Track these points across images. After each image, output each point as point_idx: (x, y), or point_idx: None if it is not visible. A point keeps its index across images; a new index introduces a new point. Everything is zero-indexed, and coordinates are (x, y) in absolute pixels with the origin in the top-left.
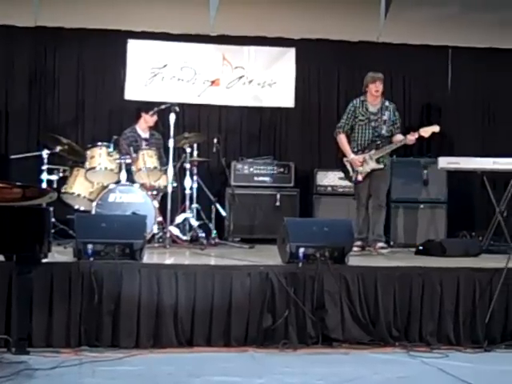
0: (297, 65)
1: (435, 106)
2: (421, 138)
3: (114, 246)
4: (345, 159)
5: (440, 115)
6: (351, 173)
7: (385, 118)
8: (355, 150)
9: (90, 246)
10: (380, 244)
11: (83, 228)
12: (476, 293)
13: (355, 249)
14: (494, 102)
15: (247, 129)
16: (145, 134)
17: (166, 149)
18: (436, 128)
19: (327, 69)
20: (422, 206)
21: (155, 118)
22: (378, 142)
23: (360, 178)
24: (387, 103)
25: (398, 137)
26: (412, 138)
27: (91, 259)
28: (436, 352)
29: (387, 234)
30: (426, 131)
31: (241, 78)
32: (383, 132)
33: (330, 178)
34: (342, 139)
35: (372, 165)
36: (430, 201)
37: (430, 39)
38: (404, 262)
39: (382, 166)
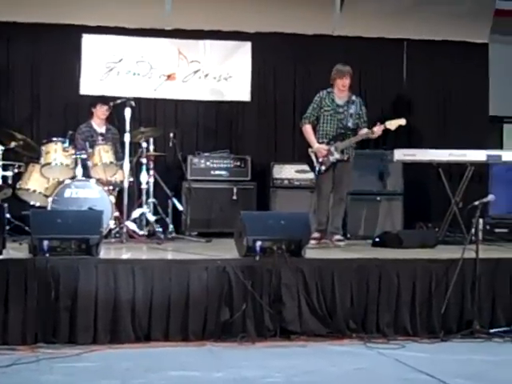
0: (253, 58)
1: (391, 98)
2: (387, 130)
3: (70, 242)
4: (310, 150)
5: (396, 108)
6: (315, 163)
7: (351, 111)
8: (320, 140)
9: (45, 242)
10: (337, 236)
11: (39, 224)
12: (432, 284)
13: (312, 241)
14: (449, 94)
15: (203, 123)
16: (101, 129)
17: (122, 143)
18: (402, 121)
19: (283, 62)
20: (378, 198)
21: (105, 108)
22: (344, 134)
23: (324, 168)
24: (354, 97)
25: (364, 130)
26: (377, 130)
27: (47, 255)
28: (393, 343)
29: (344, 226)
30: (392, 124)
31: (197, 72)
32: (349, 124)
33: (286, 171)
34: (308, 129)
35: (336, 155)
36: (387, 193)
37: (385, 32)
38: (361, 254)
39: (346, 157)
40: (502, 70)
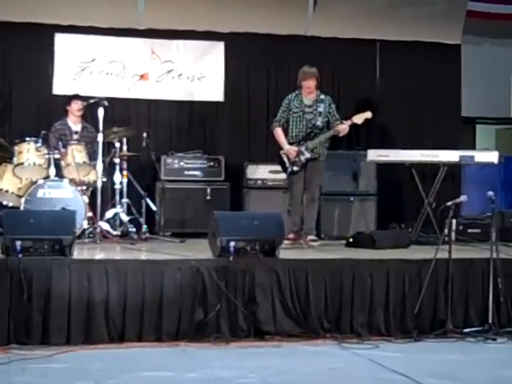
0: (226, 58)
1: (364, 99)
2: (354, 125)
3: (43, 242)
4: (281, 152)
5: (369, 108)
6: (287, 164)
7: (320, 109)
8: (290, 141)
9: (18, 243)
10: (310, 237)
11: (11, 224)
12: (405, 284)
13: (286, 242)
14: (422, 95)
15: (177, 123)
16: (76, 127)
17: (96, 143)
18: (368, 114)
19: (256, 62)
20: (351, 198)
21: (79, 103)
22: (314, 134)
23: (296, 168)
24: (322, 96)
25: (335, 127)
26: (344, 126)
27: (20, 256)
28: (367, 343)
29: (318, 226)
30: (359, 118)
31: (170, 71)
32: (318, 123)
33: (260, 172)
34: (278, 132)
35: (307, 155)
36: (360, 193)
37: (358, 33)
38: (334, 255)
39: (316, 155)
40: (474, 71)
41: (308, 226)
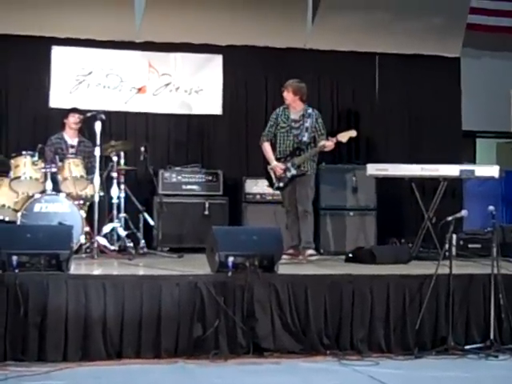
0: (224, 71)
1: (363, 112)
2: (340, 143)
3: (40, 257)
4: (268, 167)
5: (368, 121)
6: (274, 180)
7: (307, 125)
8: (279, 156)
9: (14, 258)
10: (309, 251)
11: (8, 239)
12: (406, 300)
13: (285, 257)
14: (421, 108)
15: (175, 136)
16: (72, 141)
17: (93, 157)
18: (353, 133)
19: (255, 76)
20: (351, 213)
21: (77, 116)
22: (300, 149)
23: (282, 184)
24: (310, 110)
25: (320, 143)
26: (329, 143)
27: (16, 271)
28: (367, 360)
29: (317, 241)
30: (343, 136)
31: (167, 85)
32: (305, 139)
33: (258, 186)
34: (266, 147)
35: (293, 171)
36: (360, 208)
37: (357, 45)
38: (334, 270)
39: (303, 171)
40: (474, 84)
41: (305, 240)
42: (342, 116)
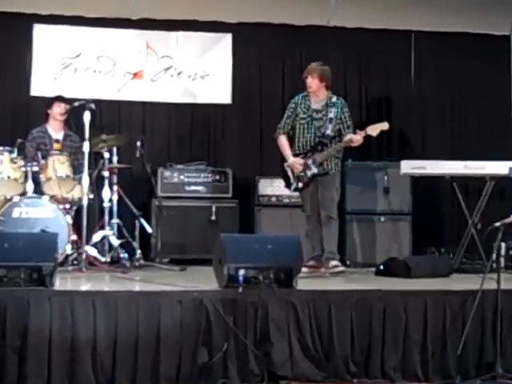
0: (234, 53)
1: (396, 100)
2: (368, 137)
3: (20, 271)
4: (285, 164)
5: (402, 112)
6: (292, 179)
7: (331, 115)
8: (297, 152)
9: None
10: (333, 262)
11: None
12: (446, 319)
13: (305, 270)
14: (464, 95)
15: (176, 129)
16: (57, 135)
17: (81, 154)
18: (385, 125)
19: (270, 58)
20: (382, 218)
21: (62, 106)
22: (323, 144)
23: (301, 184)
24: (334, 99)
25: (347, 136)
26: (358, 137)
27: None
28: None
29: (342, 251)
30: (374, 129)
31: (168, 69)
32: (328, 132)
33: (274, 187)
34: (282, 141)
35: (314, 170)
36: (392, 212)
37: (389, 22)
38: (362, 285)
39: (326, 170)
40: None
41: (328, 250)
42: (371, 105)
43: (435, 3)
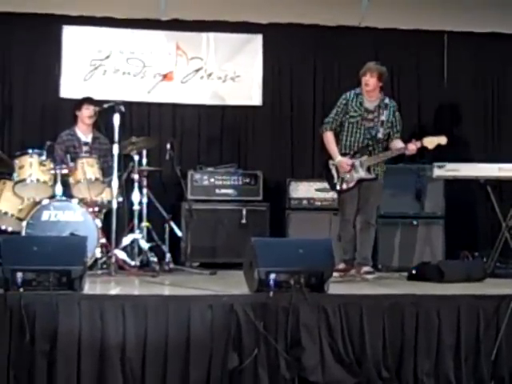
0: (264, 55)
1: (429, 101)
2: (423, 148)
3: (49, 274)
4: (330, 162)
5: (435, 113)
6: (335, 179)
7: (383, 118)
8: (343, 152)
9: (19, 275)
10: (366, 268)
11: (11, 253)
12: (480, 325)
13: (336, 274)
14: (499, 97)
15: (206, 131)
16: (86, 138)
17: (110, 156)
18: (443, 140)
19: (301, 59)
20: (414, 222)
21: (91, 109)
22: (372, 147)
23: (345, 186)
24: (387, 100)
25: (397, 143)
26: (413, 147)
27: (21, 290)
28: None
29: (375, 255)
30: (431, 142)
31: (198, 70)
32: (379, 135)
33: (305, 190)
34: (329, 137)
35: (361, 173)
36: (425, 216)
37: (421, 23)
38: (395, 289)
39: (373, 175)
40: None
41: (362, 255)
42: (403, 106)
43: (468, 3)
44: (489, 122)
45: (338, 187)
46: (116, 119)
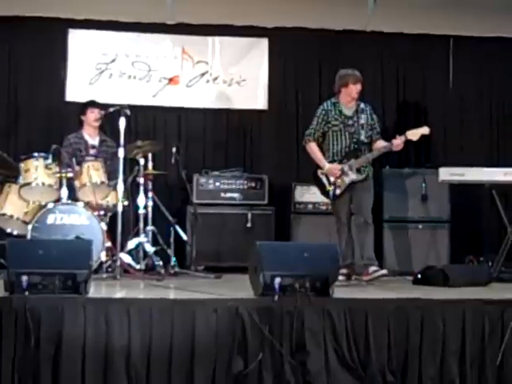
0: (270, 58)
1: (434, 105)
2: (409, 142)
3: (54, 278)
4: (319, 171)
5: (440, 117)
6: (328, 186)
7: (362, 121)
8: (330, 160)
9: (24, 278)
10: (373, 268)
11: (16, 256)
12: (485, 329)
13: (340, 278)
14: (504, 101)
15: (212, 135)
16: (93, 140)
17: (116, 159)
18: (425, 130)
19: (306, 63)
20: (420, 226)
21: (97, 111)
22: (358, 150)
23: (339, 191)
24: (362, 105)
25: (380, 143)
26: (398, 142)
27: (26, 293)
28: None
29: (380, 259)
30: (415, 134)
31: (204, 74)
32: (362, 138)
33: (310, 194)
34: (313, 148)
35: (352, 176)
36: (430, 220)
37: (427, 27)
38: (399, 294)
39: (364, 175)
40: None
41: (367, 256)
42: (410, 110)
43: (474, 8)
44: (494, 126)
45: (331, 194)
46: (121, 123)
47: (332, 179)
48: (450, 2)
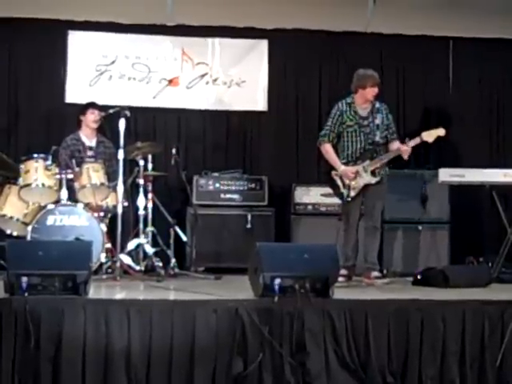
0: (270, 60)
1: (434, 107)
2: (423, 143)
3: (54, 279)
4: (333, 172)
5: (441, 118)
6: (342, 188)
7: (377, 122)
8: (345, 161)
9: (24, 279)
10: (375, 273)
11: (16, 257)
12: (485, 330)
13: (341, 279)
14: (504, 103)
15: (212, 137)
16: (90, 142)
17: (115, 160)
18: (441, 131)
19: (306, 65)
20: (420, 227)
21: (96, 113)
22: (373, 151)
23: (353, 193)
24: (378, 104)
25: (396, 144)
26: (405, 148)
27: (26, 294)
28: None
29: (380, 260)
30: (430, 135)
31: (204, 76)
32: (377, 139)
33: (310, 195)
34: (328, 149)
35: (367, 178)
36: (430, 221)
37: (427, 28)
38: (399, 295)
39: (378, 178)
40: None
41: (371, 261)
42: (409, 112)
43: (474, 9)
44: (494, 127)
45: (345, 196)
46: (121, 124)
47: (346, 181)
48: (450, 3)
